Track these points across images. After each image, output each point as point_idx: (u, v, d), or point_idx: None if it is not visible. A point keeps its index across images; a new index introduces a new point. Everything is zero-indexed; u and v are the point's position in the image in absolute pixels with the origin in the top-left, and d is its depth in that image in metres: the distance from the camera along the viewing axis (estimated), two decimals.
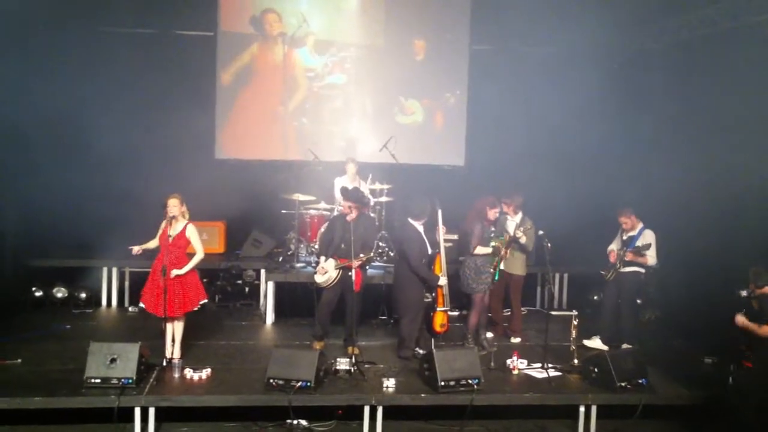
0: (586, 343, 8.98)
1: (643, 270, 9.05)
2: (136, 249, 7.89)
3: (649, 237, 8.94)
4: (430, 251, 8.48)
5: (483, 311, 8.95)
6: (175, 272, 7.70)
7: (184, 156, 11.58)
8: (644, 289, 10.73)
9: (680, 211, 9.79)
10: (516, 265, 9.42)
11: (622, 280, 9.04)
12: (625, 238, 9.07)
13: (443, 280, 8.42)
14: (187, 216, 7.89)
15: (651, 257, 8.89)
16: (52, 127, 10.35)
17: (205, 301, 8.18)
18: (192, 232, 7.89)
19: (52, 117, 10.32)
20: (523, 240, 9.18)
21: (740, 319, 7.13)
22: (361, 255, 8.45)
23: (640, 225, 9.04)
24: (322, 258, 8.81)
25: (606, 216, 9.62)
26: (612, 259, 9.08)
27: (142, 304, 7.98)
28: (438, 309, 8.51)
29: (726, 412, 7.09)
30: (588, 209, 10.82)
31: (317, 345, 8.74)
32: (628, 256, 8.91)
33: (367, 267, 9.14)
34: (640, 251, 8.84)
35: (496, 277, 8.97)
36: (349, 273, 8.35)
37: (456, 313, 9.97)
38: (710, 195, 9.42)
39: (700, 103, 9.83)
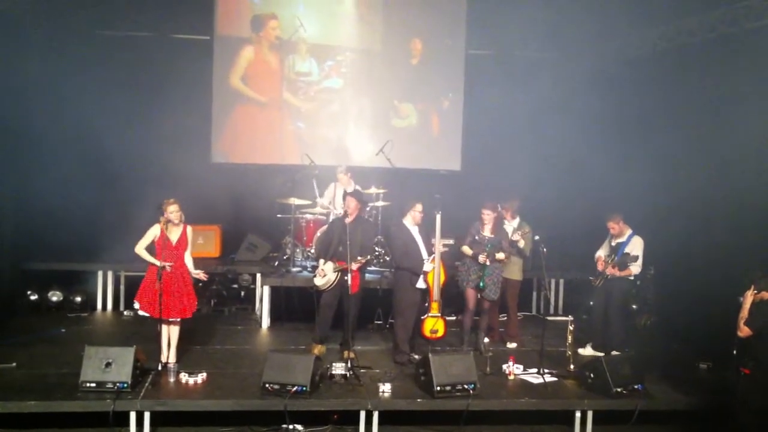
0: (581, 351, 8.93)
1: (632, 276, 8.99)
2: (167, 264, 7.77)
3: (637, 244, 8.86)
4: (426, 256, 8.45)
5: (485, 314, 8.97)
6: (192, 269, 7.83)
7: (180, 159, 11.53)
8: (640, 295, 10.75)
9: (676, 216, 9.79)
10: (513, 270, 9.38)
11: (611, 286, 8.95)
12: (613, 244, 9.02)
13: (428, 266, 8.38)
14: (183, 218, 7.88)
15: (635, 267, 8.82)
16: (48, 130, 10.33)
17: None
18: (191, 234, 7.93)
19: (48, 120, 10.34)
20: (521, 244, 9.17)
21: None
22: (359, 258, 8.44)
23: (629, 231, 8.95)
24: (321, 261, 8.81)
25: (602, 221, 9.60)
26: (600, 266, 9.01)
27: (136, 305, 7.93)
28: (428, 315, 8.53)
29: (722, 418, 7.09)
30: (584, 214, 10.84)
31: (317, 349, 8.72)
32: (612, 271, 8.84)
33: (365, 270, 9.15)
34: (625, 263, 8.77)
35: (481, 285, 8.66)
36: (346, 277, 8.34)
37: (453, 318, 9.98)
38: (707, 200, 9.42)
39: (699, 107, 9.83)
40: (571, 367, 8.24)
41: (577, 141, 11.42)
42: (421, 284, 8.43)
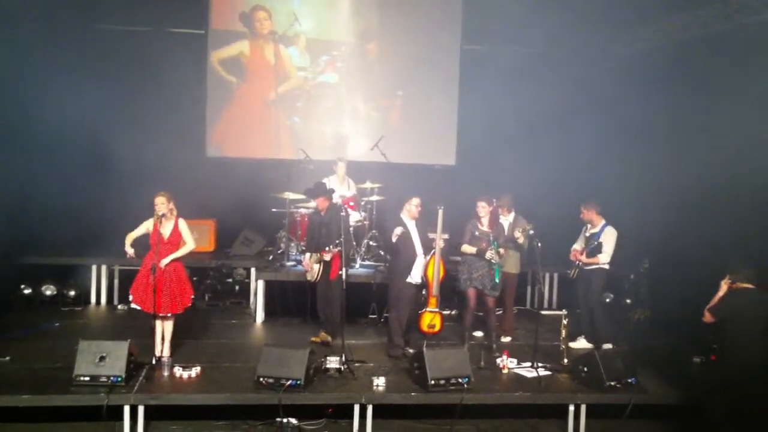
0: (572, 345, 8.91)
1: (607, 266, 9.00)
2: (130, 253, 7.83)
3: (609, 235, 8.88)
4: (420, 251, 8.43)
5: (491, 311, 8.88)
6: (165, 261, 7.70)
7: (176, 154, 11.55)
8: (634, 289, 10.78)
9: (670, 211, 9.81)
10: (510, 264, 9.35)
11: (588, 277, 9.00)
12: (587, 234, 9.05)
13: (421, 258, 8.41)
14: (175, 212, 7.87)
15: (602, 256, 8.86)
16: (41, 124, 10.29)
17: (193, 296, 8.20)
18: (183, 226, 7.90)
19: (42, 114, 10.27)
20: (521, 240, 9.16)
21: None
22: (331, 247, 8.58)
23: (602, 222, 8.98)
24: (306, 255, 9.02)
25: None
26: (572, 257, 9.08)
27: (132, 301, 7.92)
28: (426, 309, 8.52)
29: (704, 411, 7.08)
30: (579, 209, 10.82)
31: (322, 335, 8.90)
32: (583, 259, 8.92)
33: (353, 258, 9.41)
34: (592, 253, 8.85)
35: (497, 281, 8.66)
36: (341, 270, 8.35)
37: (447, 312, 9.98)
38: (701, 194, 9.43)
39: (694, 102, 9.82)
40: (565, 361, 8.26)
41: (571, 136, 11.45)
42: (415, 278, 8.43)
